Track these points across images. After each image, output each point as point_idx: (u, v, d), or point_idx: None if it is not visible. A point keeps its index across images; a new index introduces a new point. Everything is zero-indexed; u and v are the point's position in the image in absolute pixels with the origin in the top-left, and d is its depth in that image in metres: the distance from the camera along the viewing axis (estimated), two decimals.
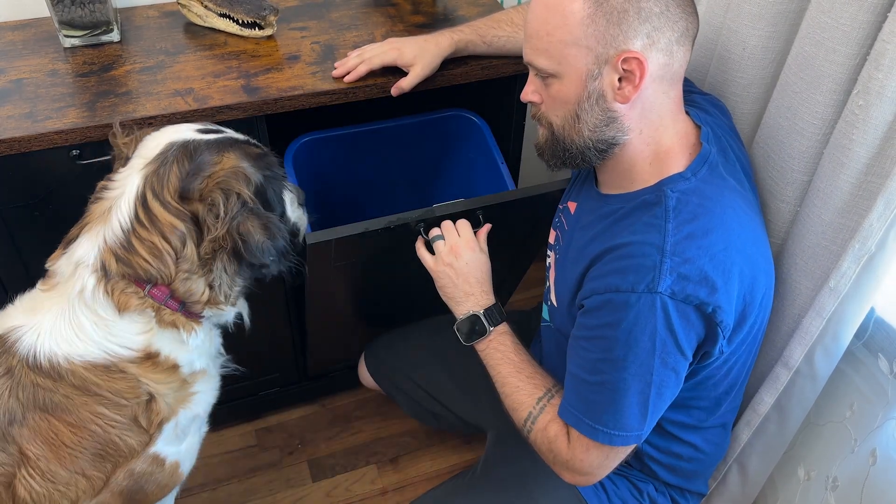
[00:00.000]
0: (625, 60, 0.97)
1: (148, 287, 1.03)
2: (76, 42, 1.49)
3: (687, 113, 1.11)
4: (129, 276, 1.02)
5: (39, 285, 1.09)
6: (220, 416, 1.94)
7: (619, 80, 1.00)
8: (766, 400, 1.27)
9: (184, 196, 1.00)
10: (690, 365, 1.06)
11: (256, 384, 1.89)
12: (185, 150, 1.02)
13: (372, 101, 1.44)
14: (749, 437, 1.34)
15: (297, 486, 1.86)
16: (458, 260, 1.23)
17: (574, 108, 1.03)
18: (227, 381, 1.19)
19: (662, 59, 0.99)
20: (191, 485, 1.84)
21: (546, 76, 1.04)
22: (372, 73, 1.42)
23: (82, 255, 1.03)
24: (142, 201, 1.00)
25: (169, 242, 1.01)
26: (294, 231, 1.20)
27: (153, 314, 1.05)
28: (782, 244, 1.25)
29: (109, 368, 1.04)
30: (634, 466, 1.28)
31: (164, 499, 1.21)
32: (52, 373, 1.02)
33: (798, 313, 1.21)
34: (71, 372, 1.02)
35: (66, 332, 1.03)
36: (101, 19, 1.48)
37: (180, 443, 1.17)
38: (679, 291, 0.97)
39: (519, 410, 1.16)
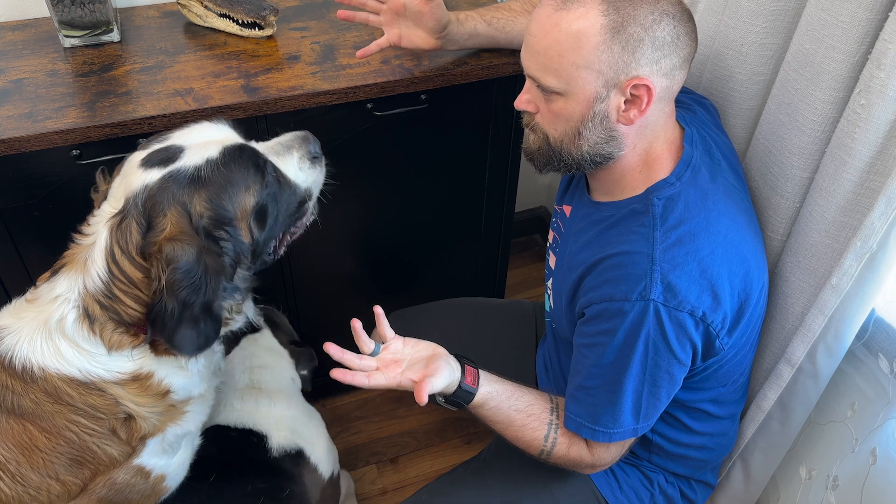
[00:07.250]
0: (634, 86, 0.99)
1: (134, 328, 1.02)
2: (76, 42, 1.49)
3: None
4: (116, 320, 1.01)
5: (28, 294, 1.08)
6: None
7: (625, 102, 1.01)
8: (769, 396, 1.29)
9: (143, 254, 0.99)
10: (695, 363, 1.09)
11: None
12: (142, 204, 0.99)
13: (373, 100, 1.45)
14: (753, 434, 1.35)
15: None
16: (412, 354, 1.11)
17: (577, 125, 1.04)
18: None
19: (665, 82, 1.01)
20: None
21: (550, 92, 1.03)
22: (374, 74, 1.43)
23: (63, 290, 1.02)
24: (112, 257, 0.99)
25: (148, 294, 0.99)
26: (308, 195, 1.15)
27: (148, 346, 1.04)
28: (784, 242, 1.25)
29: (87, 385, 1.02)
30: (643, 457, 1.29)
31: None
32: (25, 376, 1.01)
33: (801, 311, 1.22)
34: (44, 379, 1.01)
35: (44, 347, 1.01)
36: (101, 19, 1.48)
37: (169, 457, 1.15)
38: (670, 298, 1.01)
39: (531, 449, 1.17)
